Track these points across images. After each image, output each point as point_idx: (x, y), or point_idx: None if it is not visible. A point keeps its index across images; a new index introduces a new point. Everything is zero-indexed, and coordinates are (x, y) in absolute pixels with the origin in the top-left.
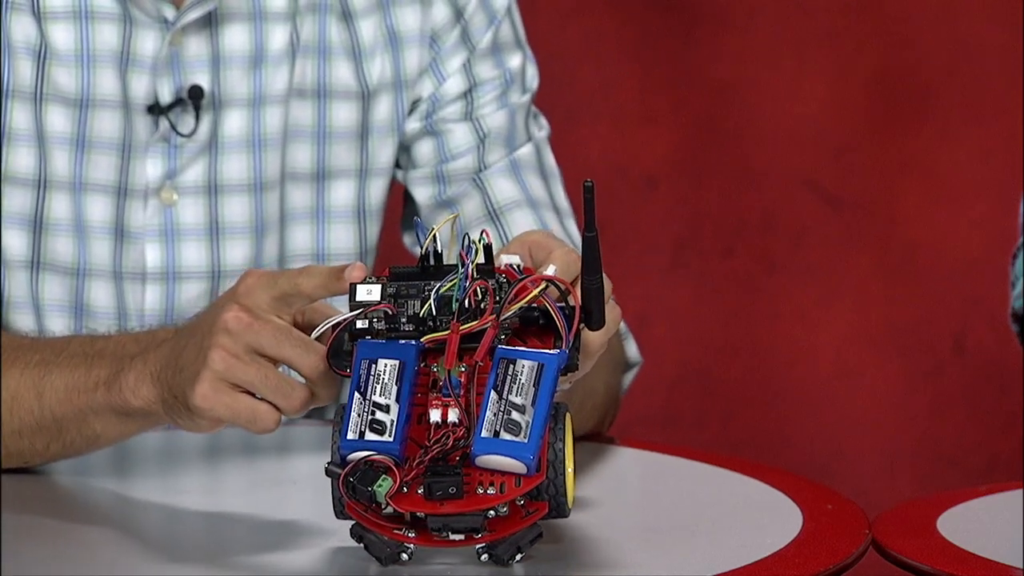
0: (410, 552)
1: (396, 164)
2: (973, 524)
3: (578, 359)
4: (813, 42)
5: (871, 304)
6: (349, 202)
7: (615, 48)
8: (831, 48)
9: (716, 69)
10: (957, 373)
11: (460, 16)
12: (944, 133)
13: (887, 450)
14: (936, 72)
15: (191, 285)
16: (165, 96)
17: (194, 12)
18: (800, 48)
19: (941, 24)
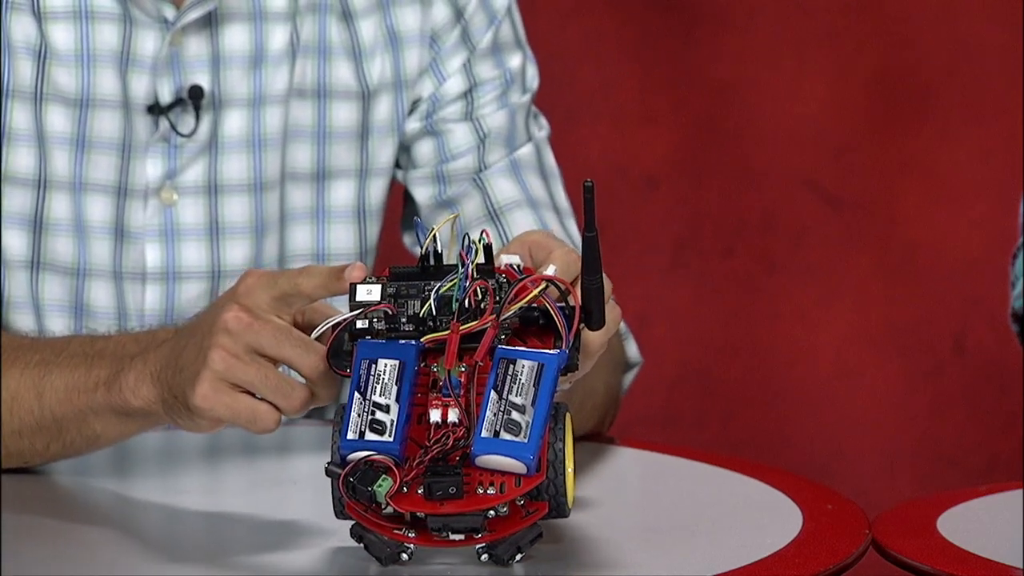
0: (410, 552)
1: (396, 164)
2: (973, 524)
3: (578, 359)
4: (813, 42)
5: (871, 304)
6: (349, 202)
7: (615, 48)
8: (831, 48)
9: (716, 69)
10: (957, 373)
11: (460, 16)
12: (944, 133)
13: (887, 450)
14: (936, 72)
15: (191, 285)
16: (165, 96)
17: (194, 12)
18: (800, 48)
19: (941, 24)
